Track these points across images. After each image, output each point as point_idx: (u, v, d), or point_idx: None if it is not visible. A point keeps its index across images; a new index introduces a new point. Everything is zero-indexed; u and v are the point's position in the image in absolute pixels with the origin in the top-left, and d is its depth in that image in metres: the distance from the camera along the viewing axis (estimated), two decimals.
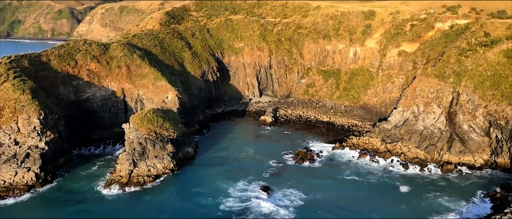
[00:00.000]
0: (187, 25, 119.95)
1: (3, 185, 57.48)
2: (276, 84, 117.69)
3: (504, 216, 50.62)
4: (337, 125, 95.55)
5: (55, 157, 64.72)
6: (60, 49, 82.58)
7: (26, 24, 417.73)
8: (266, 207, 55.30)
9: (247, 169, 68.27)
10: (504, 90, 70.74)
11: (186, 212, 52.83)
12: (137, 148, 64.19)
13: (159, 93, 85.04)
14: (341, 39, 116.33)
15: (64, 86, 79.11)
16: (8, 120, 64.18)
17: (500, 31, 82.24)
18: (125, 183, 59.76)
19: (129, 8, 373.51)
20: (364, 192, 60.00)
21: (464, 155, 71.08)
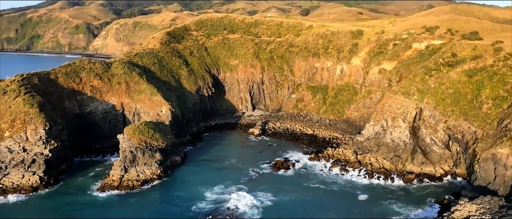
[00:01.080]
0: (186, 44, 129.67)
1: (11, 186, 66.85)
2: (268, 99, 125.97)
3: (445, 218, 57.60)
4: (319, 138, 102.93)
5: (58, 163, 74.00)
6: (67, 68, 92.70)
7: (45, 39, 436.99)
8: (237, 208, 63.08)
9: (227, 176, 76.32)
10: (462, 107, 77.50)
11: (163, 212, 61.08)
12: (129, 156, 73.04)
13: (154, 107, 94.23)
14: (329, 57, 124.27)
15: (69, 101, 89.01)
16: (18, 130, 73.99)
17: (466, 52, 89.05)
18: (116, 187, 68.46)
19: (142, 23, 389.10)
20: (325, 198, 67.24)
21: (426, 165, 77.73)
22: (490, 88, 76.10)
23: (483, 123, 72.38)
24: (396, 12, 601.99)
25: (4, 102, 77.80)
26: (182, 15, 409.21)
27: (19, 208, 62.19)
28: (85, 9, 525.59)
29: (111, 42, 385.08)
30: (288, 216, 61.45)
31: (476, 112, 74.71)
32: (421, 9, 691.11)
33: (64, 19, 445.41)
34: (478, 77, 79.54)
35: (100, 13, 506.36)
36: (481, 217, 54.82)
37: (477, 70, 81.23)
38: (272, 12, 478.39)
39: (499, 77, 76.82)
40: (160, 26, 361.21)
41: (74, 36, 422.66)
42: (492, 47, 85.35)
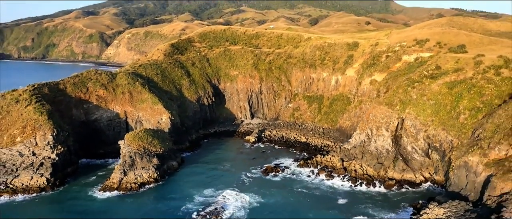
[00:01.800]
0: (189, 55, 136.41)
1: (21, 187, 73.52)
2: (266, 108, 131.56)
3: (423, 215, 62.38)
4: (312, 145, 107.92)
5: (64, 166, 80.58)
6: (75, 78, 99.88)
7: (60, 47, 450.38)
8: (224, 208, 68.56)
9: (220, 179, 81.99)
10: (441, 117, 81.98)
11: (155, 211, 66.93)
12: (128, 160, 79.27)
13: (155, 115, 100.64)
14: (325, 68, 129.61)
15: (76, 109, 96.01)
16: (28, 135, 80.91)
17: (449, 65, 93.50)
18: (116, 188, 74.63)
19: (153, 33, 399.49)
20: (307, 201, 72.30)
21: (407, 172, 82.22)
22: (468, 100, 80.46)
23: (459, 132, 76.81)
24: (405, 21, 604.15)
25: (16, 110, 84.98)
26: (192, 25, 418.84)
27: (27, 206, 68.61)
28: (99, 19, 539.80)
29: (123, 51, 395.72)
30: (271, 216, 66.63)
31: (454, 122, 79.14)
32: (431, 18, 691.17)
33: (78, 29, 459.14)
34: (457, 89, 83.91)
35: (113, 23, 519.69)
36: (445, 216, 59.38)
37: (457, 82, 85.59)
38: (280, 21, 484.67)
39: (476, 89, 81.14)
40: (170, 35, 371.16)
41: (87, 45, 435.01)
42: (473, 60, 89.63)
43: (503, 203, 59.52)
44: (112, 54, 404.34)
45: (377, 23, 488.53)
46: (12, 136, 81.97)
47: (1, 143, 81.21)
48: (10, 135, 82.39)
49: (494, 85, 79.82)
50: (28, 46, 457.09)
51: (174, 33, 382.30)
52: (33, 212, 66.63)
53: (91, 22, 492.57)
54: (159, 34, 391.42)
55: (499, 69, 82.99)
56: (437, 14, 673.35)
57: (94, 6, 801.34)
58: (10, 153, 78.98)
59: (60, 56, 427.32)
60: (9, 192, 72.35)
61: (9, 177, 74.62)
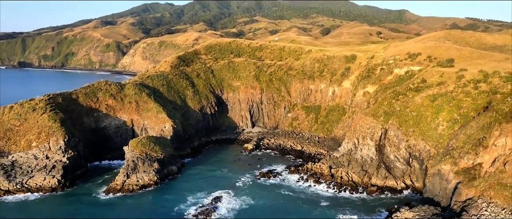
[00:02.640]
0: (194, 67, 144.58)
1: (35, 186, 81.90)
2: (266, 117, 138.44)
3: None
4: (306, 153, 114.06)
5: (73, 169, 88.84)
6: (87, 89, 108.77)
7: (78, 56, 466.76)
8: (216, 208, 75.40)
9: (215, 183, 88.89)
10: (422, 128, 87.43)
11: (151, 211, 74.27)
12: (131, 164, 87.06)
13: (159, 123, 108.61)
14: (323, 80, 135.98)
15: (87, 117, 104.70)
16: (43, 141, 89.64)
17: (434, 78, 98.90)
18: (119, 190, 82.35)
19: (167, 43, 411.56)
20: (292, 204, 78.55)
21: (389, 179, 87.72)
22: (447, 112, 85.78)
23: (436, 143, 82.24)
24: (417, 31, 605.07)
25: (33, 117, 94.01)
26: (205, 35, 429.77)
27: (39, 204, 76.82)
28: (116, 28, 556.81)
29: (138, 60, 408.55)
30: (259, 216, 73.14)
31: (432, 133, 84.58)
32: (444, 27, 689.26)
33: (96, 38, 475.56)
34: (438, 101, 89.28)
35: (130, 32, 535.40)
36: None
37: (439, 95, 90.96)
38: (292, 31, 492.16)
39: (456, 102, 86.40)
40: (184, 45, 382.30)
41: (104, 54, 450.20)
42: (456, 74, 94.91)
43: (465, 208, 65.02)
44: (128, 63, 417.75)
45: (388, 33, 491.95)
46: (28, 140, 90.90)
47: (19, 147, 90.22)
48: (27, 140, 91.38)
49: (471, 98, 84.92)
50: (48, 55, 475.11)
51: (187, 43, 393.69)
52: (43, 209, 74.69)
53: (108, 32, 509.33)
54: (173, 44, 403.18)
55: (478, 84, 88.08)
56: (452, 24, 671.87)
57: (112, 16, 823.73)
58: (26, 156, 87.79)
59: (78, 65, 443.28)
60: (24, 191, 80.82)
61: (25, 177, 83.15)
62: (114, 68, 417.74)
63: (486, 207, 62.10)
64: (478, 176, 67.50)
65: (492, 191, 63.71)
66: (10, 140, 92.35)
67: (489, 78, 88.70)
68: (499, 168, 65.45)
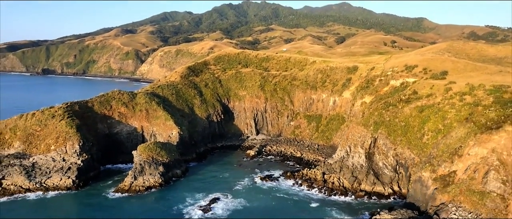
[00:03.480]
0: (203, 77, 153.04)
1: (52, 185, 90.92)
2: (269, 125, 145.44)
3: None
4: (305, 160, 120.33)
5: (87, 170, 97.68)
6: (101, 97, 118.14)
7: (99, 64, 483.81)
8: (212, 208, 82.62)
9: (215, 186, 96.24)
10: (409, 137, 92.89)
11: (153, 209, 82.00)
12: (138, 167, 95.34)
13: (167, 130, 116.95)
14: (325, 90, 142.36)
15: (101, 124, 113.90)
16: (60, 144, 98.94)
17: (425, 90, 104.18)
18: (126, 190, 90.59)
19: (183, 51, 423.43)
20: (284, 205, 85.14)
21: (377, 185, 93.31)
22: (432, 122, 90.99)
23: (420, 151, 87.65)
24: (433, 39, 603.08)
25: (52, 124, 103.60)
26: (220, 44, 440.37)
27: (55, 201, 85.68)
28: (136, 37, 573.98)
29: (156, 68, 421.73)
30: (251, 216, 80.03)
31: (418, 142, 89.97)
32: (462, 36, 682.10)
33: (116, 46, 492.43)
34: (425, 112, 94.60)
35: (148, 41, 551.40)
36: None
37: (427, 106, 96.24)
38: (306, 40, 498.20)
39: (441, 113, 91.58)
40: (199, 54, 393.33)
41: (124, 62, 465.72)
42: (444, 86, 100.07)
43: (437, 212, 70.60)
44: (146, 71, 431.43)
45: (403, 42, 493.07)
46: (47, 144, 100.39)
47: (39, 150, 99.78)
48: (46, 143, 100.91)
49: (455, 110, 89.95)
50: (71, 62, 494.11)
51: (203, 52, 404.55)
52: (59, 206, 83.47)
53: (128, 40, 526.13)
54: (189, 53, 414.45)
55: (463, 96, 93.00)
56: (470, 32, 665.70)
57: (132, 24, 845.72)
58: (45, 158, 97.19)
59: (98, 72, 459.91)
60: (42, 190, 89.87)
61: (43, 177, 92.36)
62: (133, 76, 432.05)
63: (455, 211, 67.55)
64: (451, 183, 72.90)
65: (462, 197, 69.09)
66: (31, 143, 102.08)
67: (474, 91, 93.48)
68: (470, 175, 70.74)
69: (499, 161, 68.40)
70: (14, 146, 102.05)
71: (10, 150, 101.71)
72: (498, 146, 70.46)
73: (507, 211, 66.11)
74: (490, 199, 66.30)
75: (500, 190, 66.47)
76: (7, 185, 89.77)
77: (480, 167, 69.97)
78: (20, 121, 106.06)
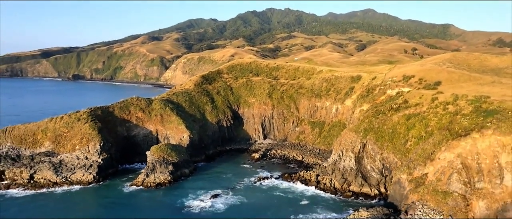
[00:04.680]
0: (216, 85, 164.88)
1: (76, 180, 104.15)
2: (276, 130, 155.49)
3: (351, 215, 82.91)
4: (305, 163, 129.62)
5: (106, 168, 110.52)
6: (121, 103, 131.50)
7: (126, 70, 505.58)
8: (212, 204, 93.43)
9: (218, 184, 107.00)
10: (394, 143, 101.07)
11: (159, 202, 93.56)
12: (150, 166, 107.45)
13: (179, 133, 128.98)
14: (328, 98, 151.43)
15: (120, 127, 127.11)
16: (84, 145, 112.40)
17: (415, 100, 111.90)
18: (139, 185, 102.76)
19: (205, 58, 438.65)
20: (277, 202, 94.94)
21: (365, 187, 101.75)
22: (416, 129, 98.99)
23: (403, 156, 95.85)
24: (457, 46, 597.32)
25: (77, 126, 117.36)
26: (241, 51, 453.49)
27: (78, 193, 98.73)
28: (161, 44, 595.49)
29: (179, 74, 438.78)
30: (245, 211, 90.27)
31: (401, 147, 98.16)
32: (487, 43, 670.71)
33: (142, 53, 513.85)
34: (412, 120, 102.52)
35: (173, 48, 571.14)
36: (367, 217, 79.65)
37: (413, 114, 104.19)
38: (327, 48, 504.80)
39: (425, 121, 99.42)
40: (220, 61, 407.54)
41: (149, 68, 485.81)
42: (431, 96, 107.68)
43: (407, 210, 79.08)
44: (170, 77, 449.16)
45: (424, 49, 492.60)
46: (73, 144, 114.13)
47: (66, 149, 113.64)
48: (72, 143, 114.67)
49: (437, 118, 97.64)
50: (99, 68, 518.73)
51: (224, 59, 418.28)
52: (81, 197, 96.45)
53: (153, 47, 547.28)
54: (211, 60, 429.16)
55: (447, 105, 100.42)
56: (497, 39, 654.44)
57: (159, 32, 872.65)
58: (71, 156, 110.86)
59: (125, 78, 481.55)
60: (67, 184, 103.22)
61: (69, 173, 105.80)
62: (157, 82, 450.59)
63: (421, 208, 75.87)
64: (422, 184, 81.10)
65: (428, 196, 77.32)
66: (59, 143, 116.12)
67: (457, 100, 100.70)
68: (438, 177, 78.83)
69: (463, 165, 76.36)
70: (45, 145, 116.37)
71: (41, 148, 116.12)
72: (464, 151, 78.38)
73: (467, 210, 74.06)
74: (452, 198, 74.36)
75: (462, 191, 74.46)
76: (38, 179, 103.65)
77: (446, 170, 78.04)
78: (50, 123, 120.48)
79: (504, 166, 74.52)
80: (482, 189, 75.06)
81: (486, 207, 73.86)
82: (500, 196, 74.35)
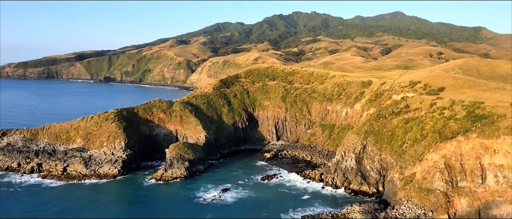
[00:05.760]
0: (233, 88, 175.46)
1: (103, 173, 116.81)
2: (288, 132, 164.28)
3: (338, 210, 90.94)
4: (312, 163, 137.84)
5: (130, 163, 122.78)
6: (145, 105, 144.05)
7: (154, 73, 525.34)
8: (221, 197, 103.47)
9: (228, 180, 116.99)
10: (393, 145, 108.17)
11: (175, 193, 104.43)
12: (169, 162, 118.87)
13: (196, 133, 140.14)
14: (339, 102, 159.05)
15: (143, 126, 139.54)
16: (111, 142, 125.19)
17: (416, 104, 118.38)
18: (158, 179, 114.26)
19: (230, 62, 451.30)
20: (281, 196, 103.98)
21: (364, 185, 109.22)
22: (413, 132, 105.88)
23: (398, 157, 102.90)
24: (487, 50, 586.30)
25: (105, 125, 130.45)
26: (264, 55, 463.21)
27: (105, 185, 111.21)
28: (188, 48, 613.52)
29: (204, 77, 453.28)
30: (250, 203, 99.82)
31: (398, 149, 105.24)
32: None
33: (169, 57, 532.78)
34: (410, 124, 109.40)
35: (200, 51, 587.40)
36: (359, 211, 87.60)
37: (412, 119, 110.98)
38: (350, 52, 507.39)
39: (422, 125, 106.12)
40: (244, 64, 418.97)
41: (176, 71, 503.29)
42: (430, 101, 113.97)
43: (395, 205, 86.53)
44: (195, 80, 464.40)
45: (450, 53, 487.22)
46: (101, 141, 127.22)
47: (95, 146, 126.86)
48: (100, 141, 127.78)
49: (433, 122, 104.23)
50: (129, 71, 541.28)
51: (247, 63, 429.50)
52: (107, 188, 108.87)
53: (180, 51, 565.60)
54: (235, 63, 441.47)
55: (443, 110, 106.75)
56: None
57: (187, 35, 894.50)
58: (99, 152, 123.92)
59: (153, 80, 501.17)
60: (96, 176, 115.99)
61: (97, 167, 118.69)
62: (183, 84, 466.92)
63: (406, 203, 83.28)
64: (410, 182, 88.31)
65: (414, 193, 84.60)
66: (89, 140, 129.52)
67: (453, 106, 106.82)
68: (423, 176, 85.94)
69: (446, 165, 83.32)
70: (77, 141, 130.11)
71: (73, 145, 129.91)
72: (448, 152, 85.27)
73: (448, 206, 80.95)
74: (434, 195, 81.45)
75: (443, 188, 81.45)
76: (70, 171, 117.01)
77: (431, 170, 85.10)
78: (81, 122, 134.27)
79: (486, 167, 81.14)
80: (464, 188, 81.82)
81: (467, 204, 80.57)
82: (482, 194, 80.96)
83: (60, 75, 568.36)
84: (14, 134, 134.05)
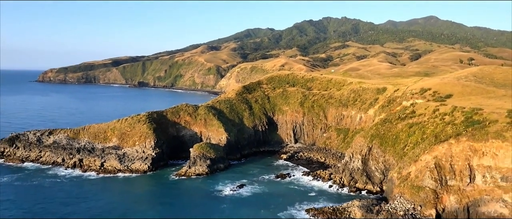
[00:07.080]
0: (255, 94, 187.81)
1: (135, 169, 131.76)
2: (305, 136, 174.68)
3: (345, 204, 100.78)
4: (326, 164, 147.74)
5: (158, 161, 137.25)
6: (173, 109, 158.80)
7: (185, 78, 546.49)
8: (238, 191, 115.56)
9: (245, 178, 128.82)
10: (395, 147, 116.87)
11: (197, 187, 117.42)
12: (192, 160, 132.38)
13: (219, 135, 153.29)
14: (354, 107, 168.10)
15: (171, 128, 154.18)
16: (142, 141, 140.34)
17: (421, 110, 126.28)
18: (182, 175, 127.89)
19: (257, 68, 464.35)
20: (290, 193, 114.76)
21: (368, 184, 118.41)
22: (415, 136, 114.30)
23: (399, 158, 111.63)
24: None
25: (138, 126, 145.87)
26: (292, 61, 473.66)
27: (136, 179, 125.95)
28: (218, 54, 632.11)
29: (232, 83, 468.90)
30: (262, 198, 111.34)
31: (400, 151, 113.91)
32: None
33: (200, 63, 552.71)
34: (413, 128, 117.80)
35: (229, 57, 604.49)
36: (357, 206, 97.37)
37: (415, 123, 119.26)
38: (378, 58, 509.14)
39: (423, 129, 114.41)
40: (271, 70, 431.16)
41: (206, 77, 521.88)
42: (434, 107, 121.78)
43: (389, 201, 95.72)
44: (224, 85, 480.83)
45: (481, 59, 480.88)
46: (134, 141, 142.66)
47: (128, 144, 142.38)
48: (133, 140, 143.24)
49: (433, 127, 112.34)
50: (162, 76, 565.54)
51: (275, 68, 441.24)
52: (137, 181, 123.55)
53: (211, 57, 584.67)
54: (262, 69, 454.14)
55: (444, 116, 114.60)
56: None
57: (218, 41, 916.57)
58: (131, 150, 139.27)
59: (184, 85, 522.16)
60: (128, 171, 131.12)
61: (129, 163, 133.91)
62: (212, 89, 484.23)
63: (399, 199, 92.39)
64: (405, 180, 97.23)
65: (406, 189, 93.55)
66: (123, 139, 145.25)
67: (454, 112, 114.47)
68: (416, 175, 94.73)
69: (436, 165, 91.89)
70: (113, 141, 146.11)
71: (109, 143, 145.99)
72: (439, 154, 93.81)
73: (437, 202, 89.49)
74: (424, 192, 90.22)
75: (432, 186, 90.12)
76: (107, 166, 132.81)
77: (423, 169, 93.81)
78: (117, 124, 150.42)
79: (475, 168, 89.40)
80: (453, 186, 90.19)
81: (456, 201, 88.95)
82: (470, 193, 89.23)
83: (98, 80, 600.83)
84: (59, 133, 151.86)
